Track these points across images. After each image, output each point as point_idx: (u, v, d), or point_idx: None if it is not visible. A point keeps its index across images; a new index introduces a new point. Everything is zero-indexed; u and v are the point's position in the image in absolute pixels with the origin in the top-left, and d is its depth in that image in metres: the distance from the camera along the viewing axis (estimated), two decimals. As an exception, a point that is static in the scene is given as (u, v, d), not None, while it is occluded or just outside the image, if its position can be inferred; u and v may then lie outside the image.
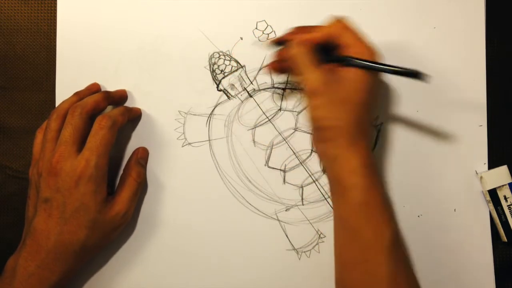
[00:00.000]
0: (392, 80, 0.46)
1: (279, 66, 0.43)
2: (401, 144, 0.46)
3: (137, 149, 0.45)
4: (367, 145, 0.38)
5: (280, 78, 0.47)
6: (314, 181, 0.46)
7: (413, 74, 0.37)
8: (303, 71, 0.39)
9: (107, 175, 0.41)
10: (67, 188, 0.39)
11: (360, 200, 0.37)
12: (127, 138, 0.46)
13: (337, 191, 0.39)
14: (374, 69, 0.38)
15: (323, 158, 0.42)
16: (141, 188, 0.45)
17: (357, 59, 0.37)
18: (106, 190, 0.41)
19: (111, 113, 0.42)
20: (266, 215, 0.46)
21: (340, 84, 0.37)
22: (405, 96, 0.46)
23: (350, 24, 0.39)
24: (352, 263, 0.38)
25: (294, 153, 0.46)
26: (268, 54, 0.46)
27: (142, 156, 0.45)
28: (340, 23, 0.39)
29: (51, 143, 0.41)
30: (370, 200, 0.37)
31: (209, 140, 0.46)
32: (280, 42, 0.42)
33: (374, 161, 0.39)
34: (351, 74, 0.38)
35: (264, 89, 0.46)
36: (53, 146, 0.40)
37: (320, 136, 0.39)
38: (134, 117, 0.46)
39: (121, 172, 0.45)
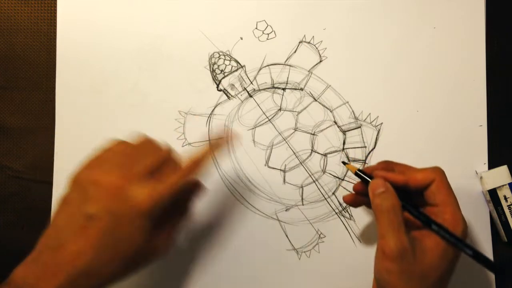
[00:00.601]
0: (392, 80, 0.46)
1: (357, 199, 0.41)
2: (401, 144, 0.46)
3: (199, 184, 0.39)
4: None
5: (280, 78, 0.47)
6: (314, 181, 0.46)
7: (498, 272, 0.35)
8: (384, 230, 0.35)
9: None
10: (122, 215, 0.33)
11: None
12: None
13: None
14: (459, 248, 0.35)
15: None
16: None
17: (445, 230, 0.35)
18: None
19: (206, 164, 0.37)
20: (266, 215, 0.46)
21: (418, 258, 0.34)
22: (405, 96, 0.46)
23: (446, 179, 0.36)
24: None
25: (294, 153, 0.46)
26: (268, 52, 0.46)
27: (201, 193, 0.40)
28: (438, 174, 0.36)
29: (125, 157, 0.35)
30: None
31: (209, 140, 0.46)
32: (363, 173, 0.38)
33: None
34: (432, 245, 0.34)
35: (264, 89, 0.46)
36: (127, 161, 0.35)
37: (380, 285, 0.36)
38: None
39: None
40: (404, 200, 0.36)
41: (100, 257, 0.33)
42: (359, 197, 0.40)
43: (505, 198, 0.45)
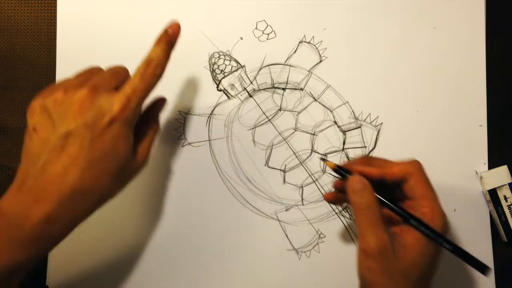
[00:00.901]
0: (392, 80, 0.46)
1: (338, 197, 0.40)
2: (401, 144, 0.46)
3: (158, 99, 0.40)
4: None
5: (280, 78, 0.47)
6: (314, 181, 0.46)
7: (480, 267, 0.35)
8: (363, 228, 0.34)
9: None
10: (98, 126, 0.32)
11: None
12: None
13: None
14: (439, 243, 0.34)
15: None
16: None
17: (424, 224, 0.34)
18: (133, 137, 0.35)
19: (159, 62, 0.36)
20: (266, 215, 0.46)
21: (398, 255, 0.33)
22: (405, 96, 0.46)
23: (424, 173, 0.36)
24: None
25: (294, 153, 0.46)
26: (268, 52, 0.46)
27: (163, 106, 0.41)
28: (416, 168, 0.36)
29: (86, 74, 0.35)
30: None
31: (209, 140, 0.46)
32: (342, 169, 0.37)
33: None
34: (412, 241, 0.34)
35: (264, 89, 0.46)
36: (88, 76, 0.34)
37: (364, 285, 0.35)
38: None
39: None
40: (383, 195, 0.35)
41: (87, 173, 0.32)
42: (340, 195, 0.40)
43: (505, 198, 0.45)
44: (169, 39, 0.37)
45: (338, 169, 0.37)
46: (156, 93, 0.46)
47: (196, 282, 0.45)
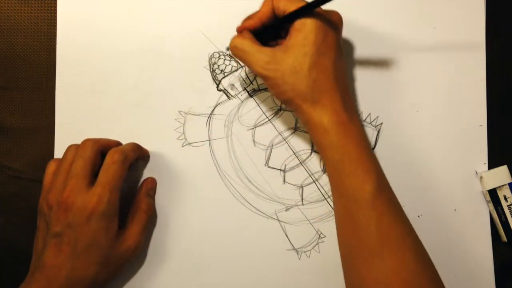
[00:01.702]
0: (392, 80, 0.46)
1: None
2: (401, 144, 0.46)
3: (146, 180, 0.45)
4: (337, 100, 0.38)
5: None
6: (314, 181, 0.46)
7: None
8: (245, 58, 0.39)
9: (118, 210, 0.40)
10: (78, 224, 0.38)
11: (336, 159, 0.38)
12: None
13: (320, 153, 0.40)
14: (305, 10, 0.37)
15: (302, 124, 0.42)
16: (151, 219, 0.44)
17: (292, 13, 0.37)
18: (117, 225, 0.40)
19: (123, 148, 0.42)
20: (266, 215, 0.46)
21: (287, 54, 0.37)
22: (405, 96, 0.46)
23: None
24: (342, 220, 0.39)
25: (294, 153, 0.46)
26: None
27: (151, 187, 0.45)
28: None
29: (64, 175, 0.40)
30: (345, 158, 0.37)
31: (209, 140, 0.46)
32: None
33: (350, 115, 0.38)
34: (293, 37, 0.37)
35: (264, 89, 0.46)
36: (66, 178, 0.40)
37: (290, 107, 0.40)
38: (142, 156, 0.45)
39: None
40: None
41: (76, 265, 0.38)
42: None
43: (505, 198, 0.45)
44: (139, 152, 0.44)
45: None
46: (156, 93, 0.46)
47: (196, 282, 0.45)
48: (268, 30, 0.40)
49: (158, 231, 0.45)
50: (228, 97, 0.46)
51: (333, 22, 0.39)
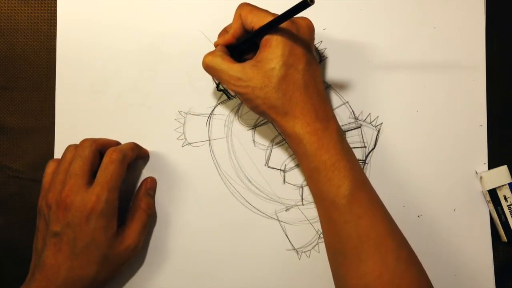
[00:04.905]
0: (392, 80, 0.46)
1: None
2: (401, 144, 0.46)
3: (145, 179, 0.45)
4: (308, 110, 0.38)
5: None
6: (314, 181, 0.46)
7: (303, 5, 0.35)
8: (218, 76, 0.40)
9: (117, 209, 0.40)
10: (77, 224, 0.38)
11: (311, 167, 0.38)
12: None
13: (298, 161, 0.41)
14: (270, 26, 0.37)
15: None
16: (150, 219, 0.44)
17: (265, 25, 0.37)
18: (116, 225, 0.40)
19: (122, 147, 0.42)
20: (266, 215, 0.46)
21: (255, 69, 0.38)
22: (405, 96, 0.46)
23: (245, 7, 0.39)
24: (325, 226, 0.39)
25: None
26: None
27: (150, 186, 0.45)
28: (238, 12, 0.40)
29: (63, 175, 0.40)
30: (319, 165, 0.38)
31: (209, 140, 0.46)
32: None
33: (323, 123, 0.38)
34: (261, 53, 0.38)
35: (264, 89, 0.46)
36: (65, 177, 0.40)
37: (266, 118, 0.41)
38: (142, 156, 0.45)
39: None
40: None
41: (75, 264, 0.38)
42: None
43: (505, 198, 0.45)
44: (138, 152, 0.44)
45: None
46: (156, 93, 0.46)
47: (196, 282, 0.45)
48: (239, 46, 0.41)
49: (158, 231, 0.46)
50: (228, 97, 0.46)
51: (302, 32, 0.39)
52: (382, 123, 0.46)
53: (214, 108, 0.46)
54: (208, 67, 0.40)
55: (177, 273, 0.45)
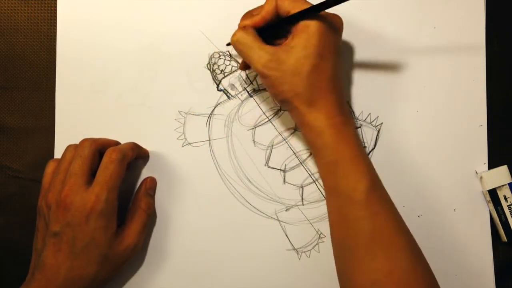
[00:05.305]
0: (392, 80, 0.46)
1: (244, 63, 0.43)
2: (401, 144, 0.46)
3: (145, 179, 0.45)
4: (332, 103, 0.38)
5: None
6: (314, 181, 0.46)
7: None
8: (247, 54, 0.39)
9: (117, 209, 0.40)
10: (77, 223, 0.38)
11: (330, 160, 0.38)
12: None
13: (313, 154, 0.41)
14: (309, 12, 0.37)
15: (297, 125, 0.44)
16: (150, 219, 0.44)
17: (298, 13, 0.37)
18: (116, 224, 0.40)
19: (121, 147, 0.42)
20: (266, 215, 0.46)
21: (288, 54, 0.37)
22: (405, 96, 0.46)
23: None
24: (335, 221, 0.39)
25: (294, 153, 0.46)
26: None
27: (150, 186, 0.45)
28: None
29: (63, 174, 0.40)
30: (339, 158, 0.38)
31: (209, 140, 0.46)
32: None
33: (344, 117, 0.39)
34: (296, 38, 0.37)
35: (264, 89, 0.46)
36: (64, 177, 0.40)
37: (286, 107, 0.40)
38: (142, 155, 0.45)
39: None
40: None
41: (75, 264, 0.38)
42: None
43: (505, 198, 0.45)
44: (138, 151, 0.44)
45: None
46: (156, 93, 0.46)
47: (196, 282, 0.45)
48: (269, 29, 0.40)
49: (158, 231, 0.46)
50: (228, 97, 0.46)
51: (335, 26, 0.39)
52: (382, 123, 0.46)
53: (214, 108, 0.46)
54: (238, 43, 0.39)
55: (177, 273, 0.45)
